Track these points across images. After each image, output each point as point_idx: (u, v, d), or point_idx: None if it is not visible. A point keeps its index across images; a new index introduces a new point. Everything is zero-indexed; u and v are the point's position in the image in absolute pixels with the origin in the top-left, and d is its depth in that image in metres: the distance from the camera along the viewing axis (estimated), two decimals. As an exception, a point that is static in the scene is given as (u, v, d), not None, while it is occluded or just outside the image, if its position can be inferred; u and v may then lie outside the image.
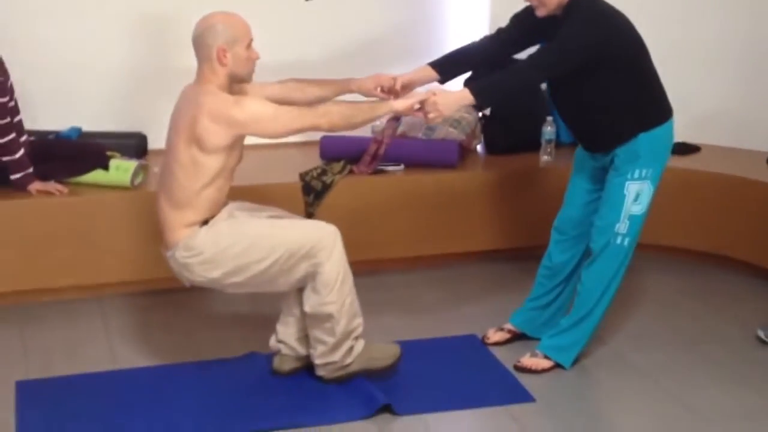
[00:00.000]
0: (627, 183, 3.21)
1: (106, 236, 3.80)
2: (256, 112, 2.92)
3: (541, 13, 3.13)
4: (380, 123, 4.38)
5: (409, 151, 4.24)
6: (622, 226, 3.23)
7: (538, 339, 3.44)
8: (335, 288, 3.03)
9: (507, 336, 3.56)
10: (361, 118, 3.06)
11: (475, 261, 4.33)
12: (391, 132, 4.23)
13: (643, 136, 3.20)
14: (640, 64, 3.21)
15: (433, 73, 3.35)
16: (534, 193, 4.25)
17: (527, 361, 3.37)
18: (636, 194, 3.22)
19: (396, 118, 4.29)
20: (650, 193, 3.24)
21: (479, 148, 4.58)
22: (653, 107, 3.26)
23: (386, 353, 3.22)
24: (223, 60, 2.93)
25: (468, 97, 3.10)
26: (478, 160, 4.46)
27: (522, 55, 3.29)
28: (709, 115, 4.68)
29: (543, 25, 3.15)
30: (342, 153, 4.24)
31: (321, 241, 3.03)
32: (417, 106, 3.12)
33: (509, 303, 3.67)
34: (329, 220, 3.85)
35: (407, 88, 3.31)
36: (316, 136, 4.40)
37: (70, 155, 3.92)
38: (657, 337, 3.65)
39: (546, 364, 3.35)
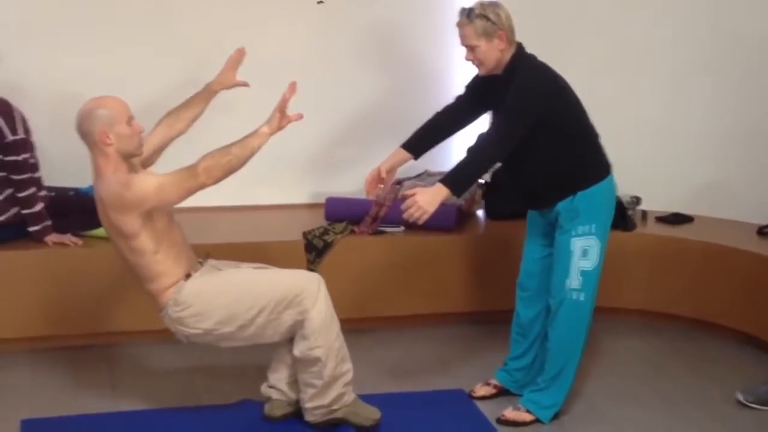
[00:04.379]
0: (571, 240, 3.35)
1: (116, 286, 3.98)
2: (143, 191, 2.99)
3: (482, 72, 3.33)
4: (383, 186, 4.60)
5: (409, 214, 4.42)
6: (573, 282, 3.37)
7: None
8: (322, 333, 3.19)
9: (493, 391, 3.70)
10: (238, 161, 3.04)
11: (471, 321, 4.48)
12: (392, 195, 4.45)
13: (581, 194, 3.34)
14: (576, 123, 3.37)
15: (407, 155, 3.57)
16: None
17: (510, 414, 3.50)
18: (583, 250, 3.35)
19: (398, 182, 4.55)
20: (599, 249, 3.36)
21: (480, 213, 4.78)
22: (590, 166, 3.40)
23: (368, 414, 3.35)
24: (107, 142, 3.02)
25: (444, 190, 3.20)
26: (477, 225, 4.64)
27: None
28: (704, 187, 4.84)
29: (491, 86, 3.33)
30: (345, 214, 4.45)
31: (306, 289, 3.19)
32: (285, 118, 3.14)
33: (501, 360, 3.78)
34: (330, 278, 4.09)
35: (391, 173, 3.55)
36: (322, 198, 4.65)
37: (87, 210, 4.13)
38: (637, 396, 3.76)
39: (527, 417, 3.48)
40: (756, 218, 4.59)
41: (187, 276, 3.20)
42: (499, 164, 4.54)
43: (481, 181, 4.75)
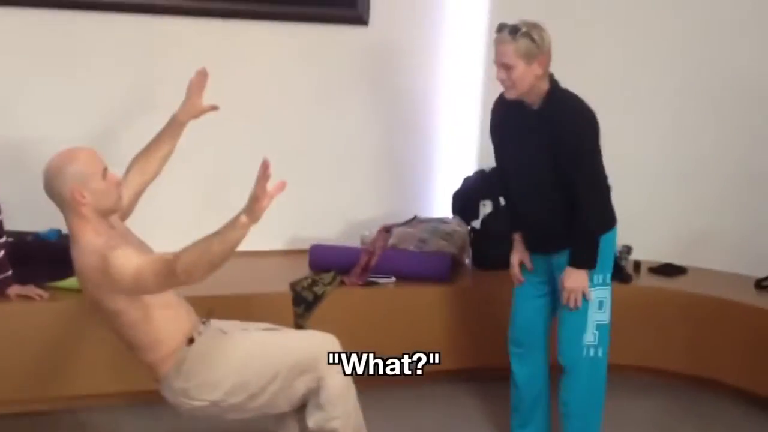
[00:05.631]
0: (588, 291, 3.17)
1: (88, 345, 3.60)
2: (120, 274, 2.59)
3: (511, 95, 3.09)
4: (369, 233, 4.33)
5: (401, 263, 4.14)
6: (590, 337, 3.20)
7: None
8: (340, 401, 2.88)
9: (508, 460, 3.45)
10: (219, 258, 2.53)
11: (464, 378, 4.21)
12: (382, 243, 4.18)
13: (602, 238, 3.17)
14: (601, 166, 3.20)
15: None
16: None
17: None
18: (599, 302, 3.19)
19: (386, 229, 4.28)
20: (610, 300, 3.22)
21: (467, 261, 4.52)
22: (607, 212, 3.26)
23: None
24: (81, 201, 2.65)
25: (582, 271, 3.12)
26: (468, 274, 4.37)
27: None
28: (696, 237, 4.69)
29: (518, 119, 3.15)
30: (332, 263, 4.13)
31: (322, 353, 2.89)
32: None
33: (504, 424, 3.57)
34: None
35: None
36: (305, 244, 4.32)
37: (51, 258, 3.75)
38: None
39: None
40: (748, 270, 4.46)
41: (190, 341, 2.84)
42: (490, 210, 4.43)
43: (469, 228, 4.51)
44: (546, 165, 3.09)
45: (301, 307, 3.88)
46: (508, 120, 3.20)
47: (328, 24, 4.42)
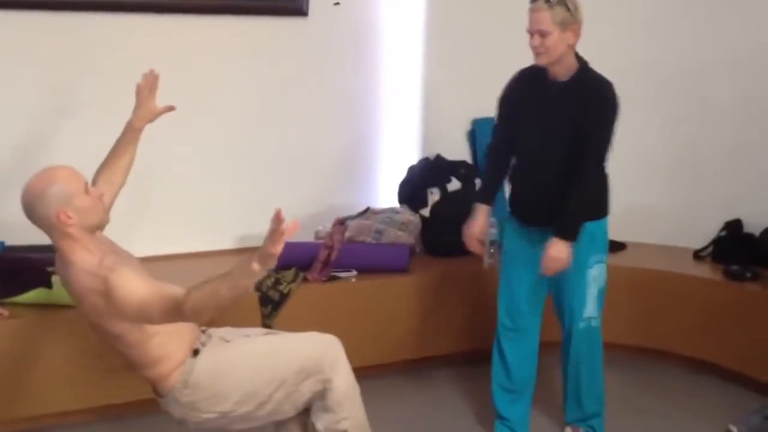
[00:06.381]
0: (587, 271, 3.32)
1: (50, 362, 3.45)
2: (124, 302, 2.48)
3: (542, 61, 3.17)
4: (323, 227, 4.29)
5: (361, 256, 4.12)
6: (590, 310, 3.36)
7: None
8: (347, 402, 2.85)
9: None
10: (227, 302, 2.43)
11: (437, 365, 4.25)
12: (340, 237, 4.14)
13: (598, 223, 3.32)
14: (610, 147, 3.27)
15: (488, 207, 3.46)
16: (486, 294, 4.20)
17: None
18: (595, 278, 3.36)
19: (341, 222, 4.24)
20: (605, 272, 3.39)
21: (417, 250, 4.53)
22: (605, 195, 3.39)
23: None
24: (68, 222, 2.54)
25: (568, 240, 3.17)
26: (425, 263, 4.36)
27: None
28: (631, 213, 4.81)
29: (543, 92, 3.22)
30: (290, 260, 4.04)
31: (325, 354, 2.85)
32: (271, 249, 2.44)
33: (481, 410, 3.61)
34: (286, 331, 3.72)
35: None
36: (256, 242, 4.20)
37: (6, 272, 3.55)
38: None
39: None
40: (684, 242, 4.64)
41: (195, 352, 2.75)
42: (438, 198, 4.45)
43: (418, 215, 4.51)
44: (563, 136, 3.17)
45: (269, 308, 3.81)
46: (530, 92, 3.28)
47: (267, 16, 4.34)
